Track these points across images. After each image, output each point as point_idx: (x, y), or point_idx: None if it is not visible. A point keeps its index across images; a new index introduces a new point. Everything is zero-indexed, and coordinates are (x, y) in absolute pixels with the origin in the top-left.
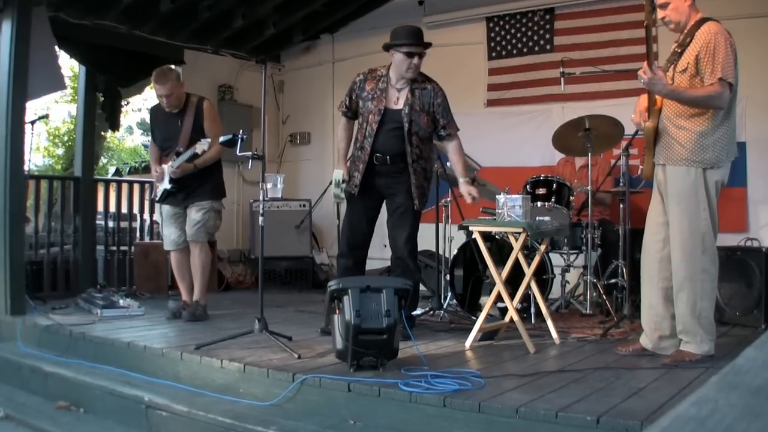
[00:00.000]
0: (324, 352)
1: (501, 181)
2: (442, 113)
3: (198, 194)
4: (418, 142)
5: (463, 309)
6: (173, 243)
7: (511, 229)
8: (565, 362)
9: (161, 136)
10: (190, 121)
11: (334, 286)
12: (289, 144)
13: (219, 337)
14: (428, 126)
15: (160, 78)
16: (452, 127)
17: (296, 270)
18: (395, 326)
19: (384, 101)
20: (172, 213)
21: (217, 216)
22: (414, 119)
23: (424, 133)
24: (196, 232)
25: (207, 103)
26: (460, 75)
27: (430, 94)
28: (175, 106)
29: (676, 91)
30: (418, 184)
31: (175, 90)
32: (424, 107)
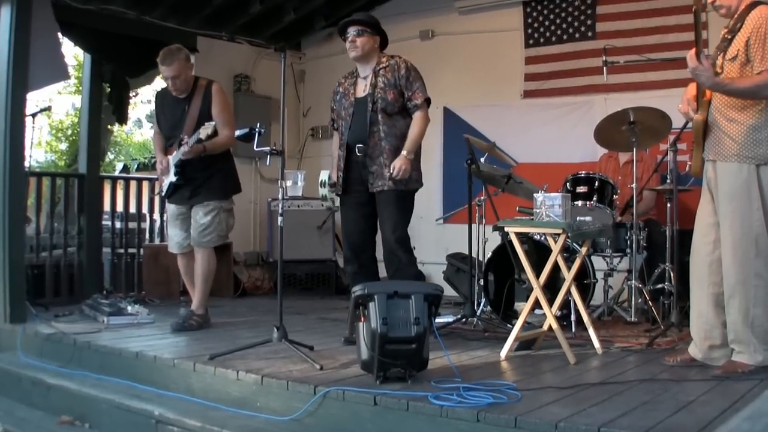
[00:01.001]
0: (348, 363)
1: (539, 179)
2: (405, 84)
3: (204, 192)
4: (386, 118)
5: (498, 316)
6: (177, 246)
7: (549, 230)
8: (608, 374)
9: (166, 123)
10: (197, 106)
11: (358, 292)
12: (311, 138)
13: (235, 346)
14: (396, 100)
15: (166, 58)
16: (417, 96)
17: (318, 274)
18: (425, 335)
19: (353, 94)
20: (177, 213)
21: (227, 216)
22: (380, 96)
23: (392, 108)
24: (201, 237)
25: (216, 86)
26: (494, 64)
27: (393, 68)
28: (183, 90)
29: (721, 83)
30: (392, 163)
31: (182, 72)
32: (390, 82)
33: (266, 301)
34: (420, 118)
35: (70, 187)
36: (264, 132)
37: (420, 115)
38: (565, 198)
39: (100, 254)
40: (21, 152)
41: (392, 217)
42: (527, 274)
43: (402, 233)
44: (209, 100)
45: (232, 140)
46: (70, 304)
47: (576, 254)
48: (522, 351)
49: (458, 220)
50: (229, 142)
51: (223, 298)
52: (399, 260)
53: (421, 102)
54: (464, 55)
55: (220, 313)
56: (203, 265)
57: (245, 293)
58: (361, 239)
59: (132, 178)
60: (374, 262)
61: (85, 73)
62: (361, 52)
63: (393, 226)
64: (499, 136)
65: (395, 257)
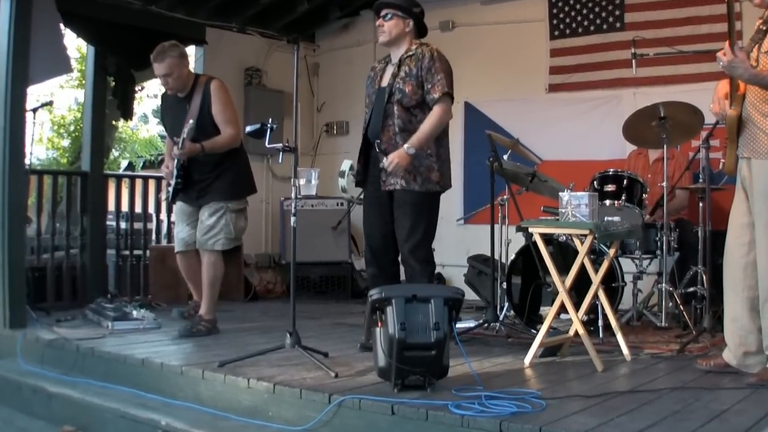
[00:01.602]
0: (364, 371)
1: (564, 177)
2: (426, 75)
3: (211, 192)
4: (401, 111)
5: (522, 321)
6: (182, 242)
7: (576, 230)
8: (638, 381)
9: (169, 124)
10: (196, 105)
11: (375, 296)
12: (325, 134)
13: (245, 353)
14: (414, 93)
15: (158, 55)
16: (436, 89)
17: (333, 277)
18: (445, 341)
19: (378, 82)
20: (186, 210)
21: (236, 217)
22: (398, 87)
23: (408, 100)
24: (206, 239)
25: (216, 83)
26: (518, 57)
27: (418, 57)
28: (179, 89)
29: (759, 75)
30: None
31: (174, 69)
32: (410, 72)
33: (278, 305)
34: (436, 112)
35: (73, 186)
36: (276, 128)
37: (437, 109)
38: (592, 197)
39: (104, 256)
40: (21, 149)
41: (406, 222)
42: (552, 277)
43: (416, 242)
44: (208, 98)
45: (235, 139)
46: (73, 308)
47: (604, 256)
48: (547, 358)
49: (480, 220)
50: (232, 142)
51: (233, 302)
52: (412, 269)
53: (440, 96)
54: (486, 47)
55: (230, 318)
56: (208, 270)
57: (256, 297)
58: (381, 242)
59: (138, 176)
60: (395, 265)
61: (88, 66)
62: (388, 37)
63: (406, 233)
64: (522, 132)
65: (407, 265)
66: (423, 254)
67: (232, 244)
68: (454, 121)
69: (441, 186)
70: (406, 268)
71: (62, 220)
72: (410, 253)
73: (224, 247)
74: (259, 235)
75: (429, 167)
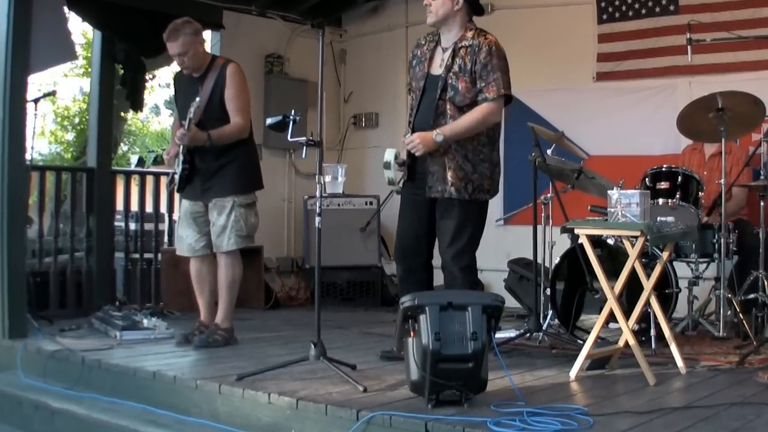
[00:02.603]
0: (395, 384)
1: (614, 173)
2: (482, 72)
3: (218, 185)
4: (455, 111)
5: (567, 331)
6: (189, 248)
7: (626, 232)
8: (693, 396)
9: (180, 105)
10: (208, 86)
11: (407, 303)
12: (353, 127)
13: (266, 365)
14: (468, 91)
15: (170, 34)
16: (491, 90)
17: (361, 283)
18: (483, 352)
19: (427, 66)
20: (191, 210)
21: (246, 213)
22: (451, 83)
23: (461, 99)
24: (222, 241)
25: (233, 67)
26: (563, 42)
27: (474, 50)
28: (195, 69)
29: None
30: (456, 167)
31: (189, 48)
32: (466, 67)
33: (302, 313)
34: (481, 108)
35: (78, 183)
36: (299, 120)
37: (484, 106)
38: (643, 195)
39: (112, 260)
40: (22, 143)
41: (451, 230)
42: (600, 283)
43: (459, 250)
44: (222, 83)
45: (244, 130)
46: (78, 316)
47: (656, 260)
48: (594, 370)
49: (521, 220)
50: (240, 132)
51: (252, 310)
52: (452, 277)
53: (494, 97)
54: (528, 33)
55: (249, 327)
56: (225, 272)
57: (278, 304)
58: (413, 243)
59: (148, 173)
60: (426, 270)
61: (94, 52)
62: (435, 18)
63: (450, 240)
64: (568, 125)
65: (448, 273)
66: (466, 262)
67: (244, 242)
68: None
69: (492, 193)
70: (446, 275)
71: (66, 220)
72: (452, 260)
73: (237, 246)
74: (280, 237)
75: (482, 174)
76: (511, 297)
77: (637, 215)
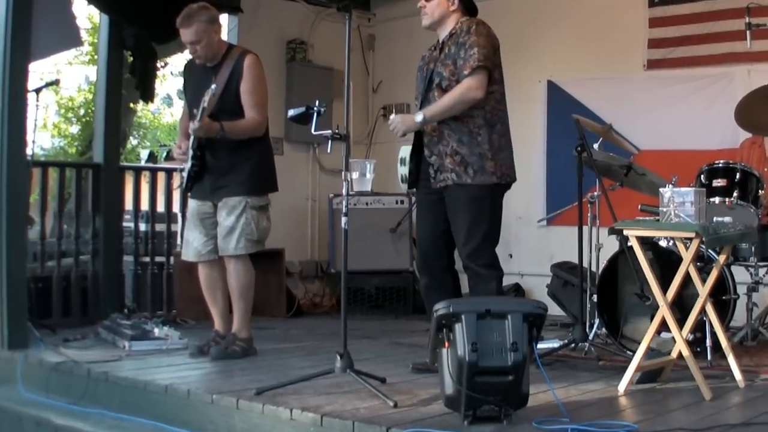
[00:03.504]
0: (428, 399)
1: (666, 170)
2: (459, 52)
3: (229, 184)
4: (441, 96)
5: (615, 341)
6: (195, 252)
7: (679, 233)
8: (753, 412)
9: (190, 96)
10: (223, 77)
11: (441, 311)
12: (382, 119)
13: (287, 378)
14: (452, 74)
15: (184, 20)
16: (467, 65)
17: (392, 289)
18: (524, 364)
19: (426, 70)
20: (199, 211)
21: (258, 216)
22: (437, 70)
23: (448, 84)
24: (228, 243)
25: (251, 58)
26: (611, 28)
27: (458, 34)
28: (209, 59)
29: None
30: (452, 152)
31: (203, 36)
32: (450, 52)
33: (327, 322)
34: (460, 85)
35: (83, 180)
36: (324, 112)
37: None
38: (698, 194)
39: (120, 264)
40: (22, 137)
41: (462, 222)
42: (652, 289)
43: (475, 246)
44: (239, 74)
45: (260, 126)
46: (83, 325)
47: (712, 264)
48: (645, 384)
49: (566, 221)
50: (255, 129)
51: (272, 318)
52: (475, 276)
53: (469, 72)
54: (572, 16)
55: (269, 337)
56: (237, 278)
57: (301, 312)
58: (432, 246)
59: (160, 169)
60: (449, 275)
61: (101, 38)
62: (430, 19)
63: (464, 236)
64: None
65: (470, 272)
66: (485, 259)
67: (254, 247)
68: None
69: (499, 177)
70: (468, 276)
71: (70, 220)
72: (469, 259)
73: (246, 251)
74: (303, 239)
75: (482, 155)
76: (554, 304)
77: (691, 215)
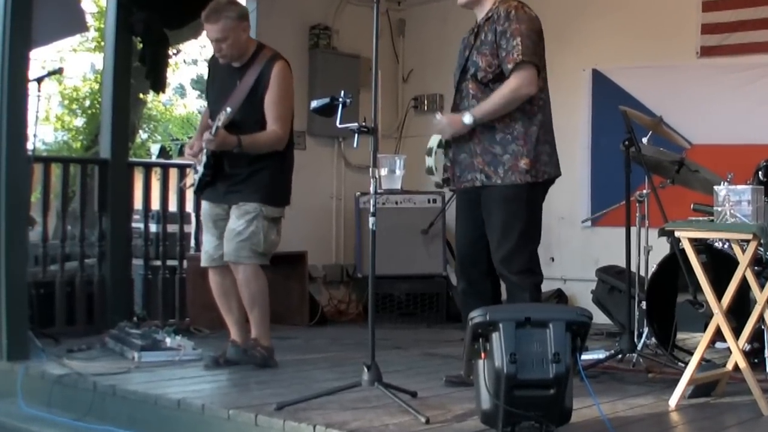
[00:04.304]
0: (463, 415)
1: (721, 166)
2: (500, 41)
3: (244, 190)
4: (478, 89)
5: (666, 351)
6: (206, 257)
7: (735, 234)
8: None
9: (213, 96)
10: (249, 81)
11: (477, 319)
12: (413, 111)
13: (311, 392)
14: (489, 65)
15: (210, 14)
16: (509, 58)
17: (423, 295)
18: (567, 376)
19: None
20: (211, 213)
21: (270, 227)
22: (472, 59)
23: (483, 75)
24: (234, 247)
25: (280, 65)
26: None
27: (494, 20)
28: (234, 58)
29: None
30: (483, 150)
31: (230, 34)
32: (487, 39)
33: (353, 330)
34: (509, 83)
35: (89, 177)
36: (350, 103)
37: (511, 79)
38: (756, 192)
39: (129, 268)
40: (23, 130)
41: (494, 226)
42: (705, 295)
43: (508, 251)
44: (265, 82)
45: (280, 142)
46: (89, 335)
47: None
48: (698, 398)
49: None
50: (275, 144)
51: (294, 327)
52: (509, 284)
53: (513, 66)
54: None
55: (291, 347)
56: (246, 286)
57: (325, 320)
58: (469, 249)
59: (172, 165)
60: (488, 281)
61: (108, 23)
62: None
63: (497, 241)
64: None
65: (506, 280)
66: (519, 264)
67: (257, 259)
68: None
69: (534, 175)
70: (505, 283)
71: (75, 221)
72: (502, 265)
73: (248, 261)
74: (327, 241)
75: (515, 153)
76: (599, 311)
77: (748, 215)
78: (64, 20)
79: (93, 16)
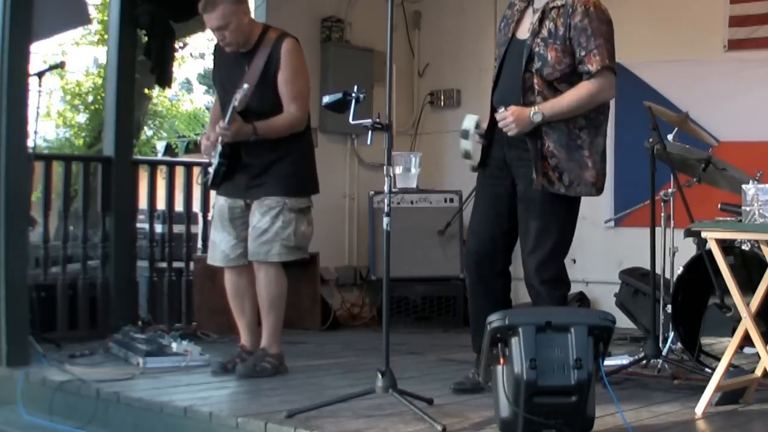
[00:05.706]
0: (481, 423)
1: (750, 164)
2: (579, 39)
3: (266, 185)
4: (544, 86)
5: (693, 357)
6: (222, 256)
7: (765, 235)
8: None
9: (221, 85)
10: (259, 65)
11: (496, 323)
12: (429, 107)
13: (322, 399)
14: (558, 62)
15: (207, 4)
16: (593, 61)
17: (440, 298)
18: (589, 383)
19: (513, 28)
20: (229, 209)
21: (297, 220)
22: (538, 51)
23: (550, 72)
24: (260, 247)
25: (289, 42)
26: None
27: (567, 13)
28: (240, 44)
29: None
30: (547, 153)
31: (231, 19)
32: (557, 32)
33: (366, 335)
34: (589, 86)
35: (92, 176)
36: (363, 98)
37: (593, 83)
38: None
39: (133, 270)
40: (23, 127)
41: (532, 226)
42: (733, 298)
43: (544, 256)
44: (275, 62)
45: (299, 122)
46: (92, 339)
47: None
48: (726, 405)
49: (636, 221)
50: (294, 125)
51: (305, 331)
52: (536, 293)
53: (597, 69)
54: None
55: (301, 353)
56: (266, 288)
57: (337, 324)
58: (488, 245)
59: (178, 163)
60: (501, 279)
61: (112, 15)
62: None
63: (533, 242)
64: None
65: (532, 288)
66: (551, 272)
67: (291, 254)
68: None
69: (599, 189)
70: (530, 290)
71: (77, 221)
72: (536, 271)
73: (280, 259)
74: (340, 242)
75: (580, 163)
76: (623, 315)
77: None
78: (66, 12)
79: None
